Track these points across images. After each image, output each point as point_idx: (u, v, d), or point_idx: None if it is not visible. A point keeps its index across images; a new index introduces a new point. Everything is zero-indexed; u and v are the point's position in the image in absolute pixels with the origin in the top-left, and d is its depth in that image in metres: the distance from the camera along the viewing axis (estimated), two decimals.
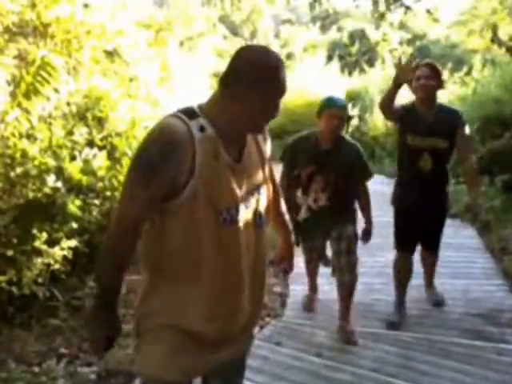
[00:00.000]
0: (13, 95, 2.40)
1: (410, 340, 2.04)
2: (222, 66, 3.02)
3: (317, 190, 1.98)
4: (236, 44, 9.74)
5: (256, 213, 0.97)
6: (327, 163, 1.95)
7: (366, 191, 2.07)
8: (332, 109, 1.92)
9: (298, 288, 2.55)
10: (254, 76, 0.87)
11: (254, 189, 0.97)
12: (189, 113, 0.88)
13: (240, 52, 0.92)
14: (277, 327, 2.14)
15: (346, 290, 2.01)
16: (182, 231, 0.88)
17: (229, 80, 0.89)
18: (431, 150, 2.01)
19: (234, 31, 15.92)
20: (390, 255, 2.30)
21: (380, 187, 3.71)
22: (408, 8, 3.35)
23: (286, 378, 1.77)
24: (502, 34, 2.86)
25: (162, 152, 0.82)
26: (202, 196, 0.86)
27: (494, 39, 2.80)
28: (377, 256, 2.85)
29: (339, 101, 1.98)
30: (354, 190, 2.03)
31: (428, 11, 3.59)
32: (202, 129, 0.86)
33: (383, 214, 2.45)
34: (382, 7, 3.47)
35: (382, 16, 3.47)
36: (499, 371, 1.77)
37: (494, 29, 2.83)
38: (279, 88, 0.89)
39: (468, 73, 7.48)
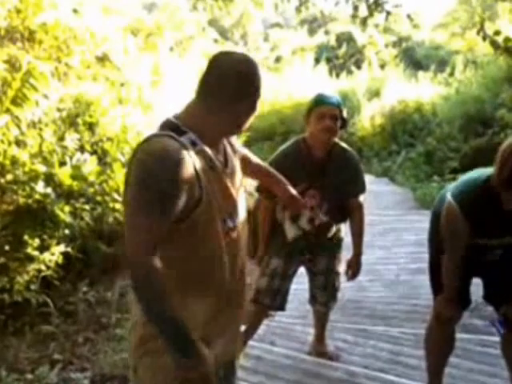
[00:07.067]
0: (0, 101, 2.39)
1: (398, 335, 2.09)
2: None
3: (312, 207, 1.64)
4: (226, 48, 9.80)
5: (246, 210, 1.00)
6: (322, 175, 1.62)
7: (362, 208, 1.71)
8: (323, 106, 1.57)
9: (291, 287, 2.59)
10: (242, 87, 0.89)
11: (242, 187, 1.01)
12: (175, 130, 0.86)
13: (219, 61, 0.89)
14: (270, 327, 2.16)
15: (322, 318, 1.91)
16: (197, 243, 0.88)
17: (213, 91, 0.88)
18: (507, 246, 1.37)
19: (224, 35, 15.96)
20: (378, 252, 2.34)
21: (368, 186, 3.77)
22: (388, 13, 3.42)
23: (280, 377, 1.79)
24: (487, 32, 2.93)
25: (173, 179, 0.81)
26: (214, 206, 0.88)
27: (481, 32, 2.83)
28: (365, 254, 2.89)
29: (332, 97, 1.61)
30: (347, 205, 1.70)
31: (408, 16, 3.67)
32: (193, 144, 0.87)
33: (371, 213, 2.49)
34: (363, 12, 3.54)
35: (364, 21, 3.54)
36: (485, 363, 1.82)
37: (482, 22, 2.89)
38: (260, 92, 0.93)
39: (451, 73, 7.69)
